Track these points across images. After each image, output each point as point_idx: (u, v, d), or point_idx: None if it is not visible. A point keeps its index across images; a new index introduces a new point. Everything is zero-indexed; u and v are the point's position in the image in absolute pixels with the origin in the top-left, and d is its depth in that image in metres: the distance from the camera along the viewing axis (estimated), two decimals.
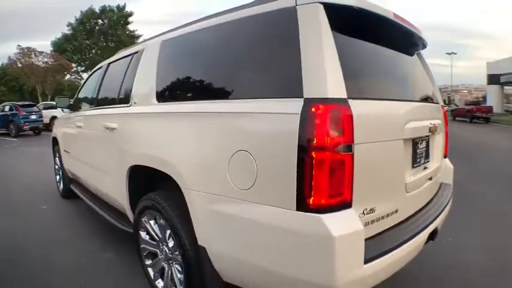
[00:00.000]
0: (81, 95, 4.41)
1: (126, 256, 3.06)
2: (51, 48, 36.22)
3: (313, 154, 1.40)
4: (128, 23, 39.57)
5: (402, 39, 2.22)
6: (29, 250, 3.26)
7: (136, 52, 2.94)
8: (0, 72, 36.35)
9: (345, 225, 1.41)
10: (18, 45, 32.73)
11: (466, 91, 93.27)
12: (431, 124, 2.22)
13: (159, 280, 2.38)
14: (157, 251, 2.36)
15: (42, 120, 17.09)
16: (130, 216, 2.72)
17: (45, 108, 18.56)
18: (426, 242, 1.98)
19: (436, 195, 2.43)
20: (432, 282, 2.65)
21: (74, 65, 36.93)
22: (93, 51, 37.59)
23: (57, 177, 5.33)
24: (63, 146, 4.71)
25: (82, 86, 4.56)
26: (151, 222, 2.35)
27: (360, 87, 1.68)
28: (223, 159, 1.70)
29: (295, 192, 1.43)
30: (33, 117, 16.40)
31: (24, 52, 32.56)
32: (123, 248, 3.22)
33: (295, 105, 1.47)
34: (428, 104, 2.44)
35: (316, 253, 1.41)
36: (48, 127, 18.42)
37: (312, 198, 1.41)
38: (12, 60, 33.22)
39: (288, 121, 1.47)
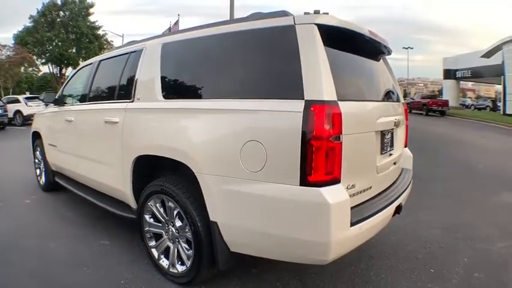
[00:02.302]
0: (67, 91, 4.50)
1: (121, 242, 3.28)
2: (13, 42, 34.67)
3: (313, 142, 1.84)
4: (89, 14, 38.34)
5: (374, 49, 2.74)
6: (22, 247, 3.22)
7: (134, 52, 3.17)
8: None
9: (337, 195, 1.87)
10: None
11: (422, 84, 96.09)
12: (395, 119, 2.73)
13: (164, 259, 2.68)
14: (163, 231, 2.67)
15: (7, 115, 16.38)
16: (133, 203, 2.98)
17: (8, 103, 17.75)
18: (393, 215, 2.47)
19: (399, 178, 2.97)
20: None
21: (34, 57, 35.33)
22: (54, 43, 36.11)
23: (38, 171, 5.33)
24: (47, 140, 4.75)
25: (67, 82, 4.65)
26: (158, 205, 2.65)
27: (345, 91, 2.09)
28: (235, 148, 2.08)
29: (299, 172, 1.86)
30: None
31: None
32: (116, 235, 3.43)
33: (298, 105, 1.89)
34: (393, 102, 2.93)
35: (316, 217, 1.85)
36: (11, 121, 17.63)
37: (312, 175, 1.85)
38: None
39: (293, 117, 1.89)
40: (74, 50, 38.21)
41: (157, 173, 2.85)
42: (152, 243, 2.76)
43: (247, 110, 2.11)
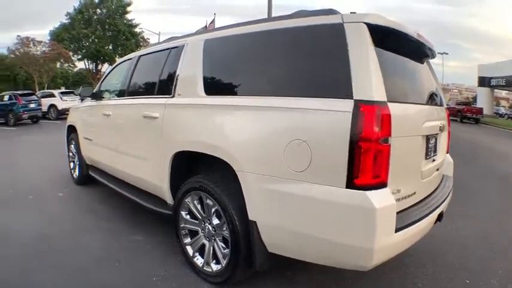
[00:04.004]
0: (105, 85, 4.58)
1: (154, 238, 3.29)
2: (49, 38, 35.74)
3: (361, 144, 1.79)
4: (126, 13, 38.95)
5: (420, 51, 2.65)
6: (56, 240, 3.27)
7: (175, 47, 3.18)
8: None
9: (383, 200, 1.81)
10: (18, 36, 32.59)
11: (456, 91, 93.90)
12: (440, 124, 2.64)
13: (198, 257, 2.67)
14: (199, 229, 2.66)
15: (41, 109, 16.97)
16: (169, 198, 2.99)
17: (43, 97, 18.37)
18: (435, 222, 2.39)
19: (440, 184, 2.86)
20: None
21: (70, 53, 36.39)
22: (90, 40, 37.04)
23: (71, 164, 5.43)
24: (83, 133, 4.84)
25: (105, 76, 4.75)
26: (195, 202, 2.65)
27: (393, 92, 2.02)
28: (279, 146, 2.05)
29: (346, 174, 1.81)
30: (32, 105, 16.21)
31: (23, 42, 32.20)
32: (150, 231, 3.45)
33: (346, 105, 1.84)
34: (437, 106, 2.83)
35: (361, 221, 1.80)
36: (45, 115, 18.25)
37: (358, 178, 1.80)
38: (11, 51, 32.80)
39: (341, 117, 1.85)
40: (110, 47, 38.87)
41: (196, 170, 2.84)
42: (187, 240, 2.76)
43: (293, 108, 2.08)
